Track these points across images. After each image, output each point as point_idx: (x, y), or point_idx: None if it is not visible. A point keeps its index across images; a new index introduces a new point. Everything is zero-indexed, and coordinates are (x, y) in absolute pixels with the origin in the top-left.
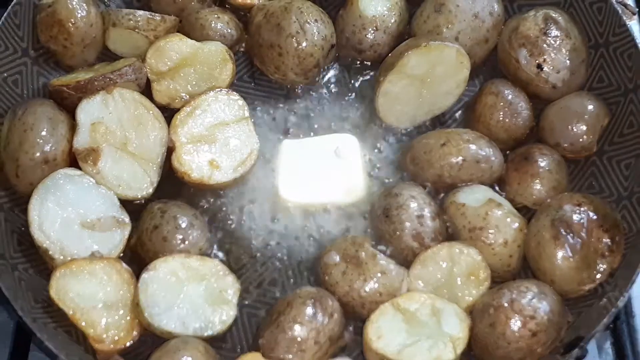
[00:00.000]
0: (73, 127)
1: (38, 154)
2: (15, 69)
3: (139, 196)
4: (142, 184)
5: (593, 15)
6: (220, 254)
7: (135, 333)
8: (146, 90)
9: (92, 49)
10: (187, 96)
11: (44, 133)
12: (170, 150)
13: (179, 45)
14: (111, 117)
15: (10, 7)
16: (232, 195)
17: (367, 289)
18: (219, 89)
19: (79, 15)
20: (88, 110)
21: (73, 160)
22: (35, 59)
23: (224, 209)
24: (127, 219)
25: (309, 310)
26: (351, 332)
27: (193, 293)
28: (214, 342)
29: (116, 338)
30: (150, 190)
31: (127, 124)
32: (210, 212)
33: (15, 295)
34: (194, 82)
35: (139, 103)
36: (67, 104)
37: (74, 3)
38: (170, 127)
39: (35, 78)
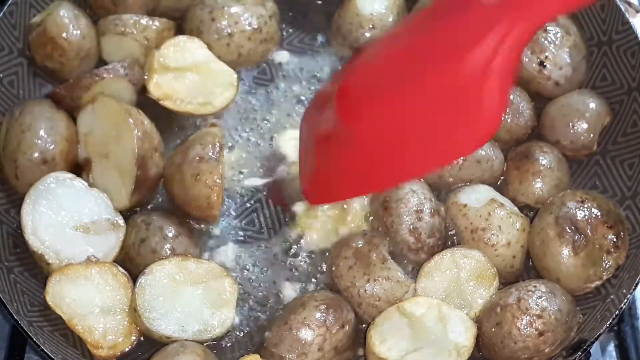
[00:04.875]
0: (71, 126)
1: (36, 155)
2: (11, 70)
3: (120, 207)
4: (120, 196)
5: (596, 12)
6: (220, 257)
7: (133, 338)
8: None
9: (89, 61)
10: (180, 100)
11: (42, 133)
12: (144, 161)
13: (196, 50)
14: (98, 127)
15: (6, 7)
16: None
17: (367, 289)
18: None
19: (70, 29)
20: (84, 121)
21: (73, 159)
22: (32, 60)
23: (223, 206)
24: (121, 222)
25: (320, 316)
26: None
27: (191, 296)
28: (213, 345)
29: (114, 343)
30: (127, 202)
31: (108, 134)
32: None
33: (11, 298)
34: (193, 90)
35: (117, 112)
36: (64, 105)
37: (64, 18)
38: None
39: (32, 79)
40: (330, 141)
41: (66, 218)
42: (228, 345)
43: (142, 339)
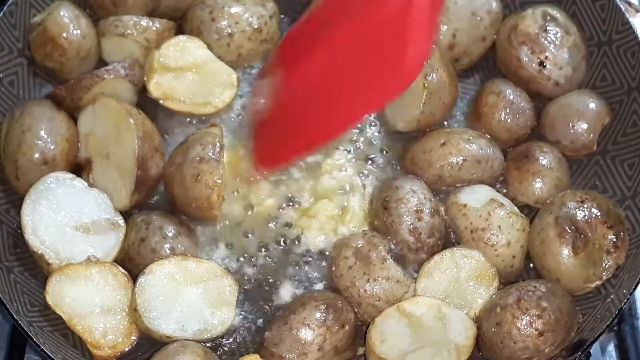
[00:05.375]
0: (72, 127)
1: (37, 155)
2: (11, 70)
3: (120, 207)
4: (120, 196)
5: (596, 12)
6: (220, 257)
7: (133, 337)
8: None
9: (89, 61)
10: (180, 100)
11: (42, 134)
12: (144, 162)
13: (196, 50)
14: (98, 127)
15: (6, 7)
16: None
17: (367, 289)
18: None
19: (71, 29)
20: (85, 122)
21: (73, 160)
22: (32, 60)
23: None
24: (121, 221)
25: (320, 316)
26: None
27: (191, 296)
28: (213, 345)
29: (114, 343)
30: (127, 202)
31: (108, 134)
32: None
33: (11, 298)
34: (193, 90)
35: (118, 112)
36: (65, 106)
37: (64, 17)
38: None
39: (32, 78)
40: (271, 104)
41: (66, 218)
42: (228, 345)
43: (142, 339)
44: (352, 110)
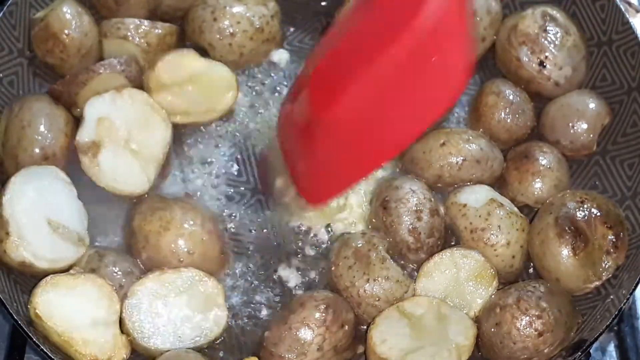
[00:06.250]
0: (70, 121)
1: (37, 151)
2: (11, 70)
3: (136, 192)
4: (139, 181)
5: (596, 12)
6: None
7: (125, 352)
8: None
9: (90, 58)
10: (183, 113)
11: (41, 129)
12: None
13: (190, 62)
14: (118, 114)
15: (5, 7)
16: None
17: (366, 289)
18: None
19: (73, 26)
20: (97, 106)
21: (73, 154)
22: (32, 60)
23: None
24: (87, 241)
25: (320, 316)
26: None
27: (179, 306)
28: (212, 345)
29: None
30: (146, 187)
31: (133, 122)
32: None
33: (11, 298)
34: (194, 100)
35: (147, 104)
36: (63, 102)
37: (67, 14)
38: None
39: (32, 79)
40: (313, 135)
41: (45, 208)
42: (227, 345)
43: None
44: (402, 131)
